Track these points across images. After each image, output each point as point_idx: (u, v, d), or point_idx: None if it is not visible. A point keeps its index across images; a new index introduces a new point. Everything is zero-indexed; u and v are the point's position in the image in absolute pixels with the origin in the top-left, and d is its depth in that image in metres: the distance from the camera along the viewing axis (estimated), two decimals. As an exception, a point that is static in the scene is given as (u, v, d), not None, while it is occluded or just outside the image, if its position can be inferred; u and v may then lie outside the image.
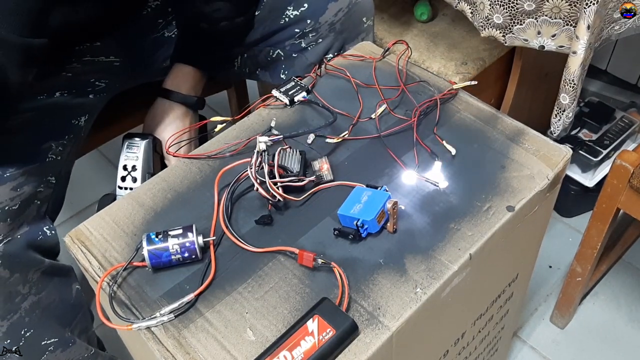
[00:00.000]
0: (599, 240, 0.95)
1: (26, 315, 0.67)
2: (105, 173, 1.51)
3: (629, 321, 1.15)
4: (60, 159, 0.77)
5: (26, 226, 0.69)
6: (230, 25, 0.80)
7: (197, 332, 0.53)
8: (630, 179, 0.84)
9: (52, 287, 0.70)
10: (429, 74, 0.76)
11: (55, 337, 0.70)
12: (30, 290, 0.67)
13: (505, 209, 0.61)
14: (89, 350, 0.76)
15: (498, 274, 0.71)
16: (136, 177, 0.75)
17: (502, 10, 0.90)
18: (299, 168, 0.62)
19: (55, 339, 0.70)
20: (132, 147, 0.76)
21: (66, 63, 0.82)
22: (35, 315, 0.68)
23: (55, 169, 0.76)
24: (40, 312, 0.68)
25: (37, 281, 0.68)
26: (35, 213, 0.72)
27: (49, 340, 0.70)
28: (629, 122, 1.28)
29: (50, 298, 0.70)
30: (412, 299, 0.54)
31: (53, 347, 0.70)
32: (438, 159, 0.65)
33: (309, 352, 0.49)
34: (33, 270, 0.68)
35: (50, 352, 0.70)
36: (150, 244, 0.56)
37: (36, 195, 0.72)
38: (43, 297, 0.69)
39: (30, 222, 0.70)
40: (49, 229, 0.73)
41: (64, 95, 0.79)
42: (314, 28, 0.82)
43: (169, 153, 0.74)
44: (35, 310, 0.68)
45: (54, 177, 0.76)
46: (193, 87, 0.82)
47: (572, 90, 0.89)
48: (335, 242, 0.59)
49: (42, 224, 0.73)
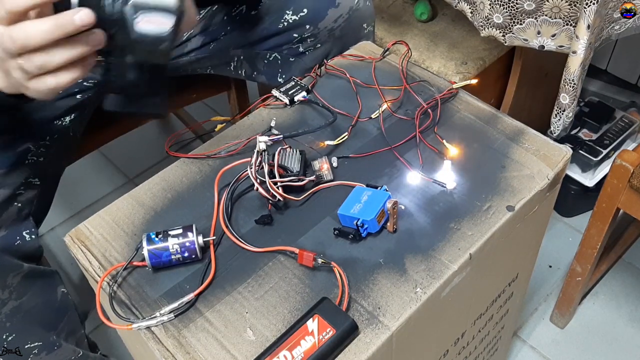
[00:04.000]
0: (599, 240, 0.95)
1: (7, 320, 0.66)
2: (105, 173, 1.52)
3: (629, 321, 1.15)
4: (44, 160, 0.75)
5: (3, 230, 0.68)
6: None
7: (197, 331, 0.53)
8: (630, 179, 0.84)
9: (34, 291, 0.69)
10: (429, 74, 0.76)
11: (39, 341, 0.69)
12: (11, 295, 0.66)
13: (505, 208, 0.61)
14: (76, 353, 0.75)
15: (498, 274, 0.71)
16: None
17: (502, 10, 0.90)
18: (299, 168, 0.62)
19: (39, 342, 0.69)
20: None
21: None
22: (17, 319, 0.67)
23: (39, 170, 0.74)
24: (22, 316, 0.67)
25: (17, 286, 0.67)
26: (15, 216, 0.70)
27: (32, 344, 0.69)
28: (629, 121, 1.28)
29: (32, 302, 0.69)
30: (412, 298, 0.54)
31: (37, 350, 0.69)
32: (446, 158, 0.65)
33: (309, 351, 0.49)
34: (11, 275, 0.67)
35: (34, 355, 0.69)
36: (150, 244, 0.56)
37: (15, 197, 0.70)
38: (24, 301, 0.68)
39: (8, 226, 0.69)
40: (29, 233, 0.71)
41: None
42: (312, 34, 0.82)
43: (169, 153, 0.74)
44: (16, 314, 0.67)
45: (37, 179, 0.74)
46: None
47: (572, 90, 0.89)
48: (335, 241, 0.59)
49: (21, 228, 0.70)
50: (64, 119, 0.78)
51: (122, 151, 1.52)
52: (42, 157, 0.75)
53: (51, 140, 0.76)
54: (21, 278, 0.68)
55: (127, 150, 0.77)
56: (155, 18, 0.49)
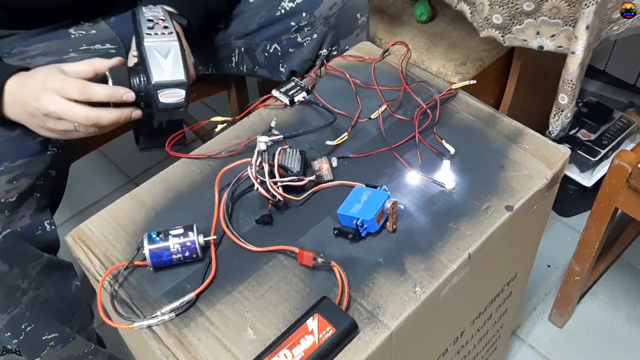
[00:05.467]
0: (597, 239, 0.95)
1: (27, 309, 0.67)
2: (106, 173, 1.52)
3: (627, 320, 1.16)
4: (62, 152, 0.77)
5: (27, 219, 0.69)
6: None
7: (197, 330, 0.53)
8: (629, 179, 0.84)
9: (51, 282, 0.70)
10: (428, 74, 0.76)
11: (56, 332, 0.70)
12: (30, 285, 0.67)
13: (504, 208, 0.61)
14: (88, 346, 0.76)
15: (497, 273, 0.71)
16: (167, 25, 0.68)
17: (502, 11, 0.90)
18: (299, 168, 0.62)
19: (55, 334, 0.70)
20: (152, 9, 0.71)
21: (64, 53, 0.82)
22: (35, 310, 0.68)
23: (56, 162, 0.76)
24: (40, 307, 0.68)
25: (36, 276, 0.68)
26: (36, 205, 0.72)
27: (49, 335, 0.70)
28: (627, 122, 1.28)
29: (49, 293, 0.70)
30: (412, 298, 0.54)
31: (54, 343, 0.70)
32: (446, 158, 0.65)
33: (309, 350, 0.50)
34: (32, 264, 0.68)
35: (50, 348, 0.70)
36: (151, 243, 0.56)
37: (35, 187, 0.72)
38: (42, 292, 0.69)
39: (30, 215, 0.70)
40: (49, 223, 0.73)
41: None
42: (309, 22, 0.83)
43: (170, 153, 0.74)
44: (34, 305, 0.68)
45: (54, 170, 0.76)
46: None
47: (570, 90, 0.89)
48: (335, 241, 0.59)
49: (42, 217, 0.72)
50: None
51: (123, 151, 1.52)
52: (60, 149, 0.76)
53: None
54: (40, 268, 0.69)
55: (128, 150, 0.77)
56: (172, 92, 0.65)
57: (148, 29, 0.67)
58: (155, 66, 0.65)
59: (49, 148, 0.75)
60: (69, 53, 0.83)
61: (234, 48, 0.91)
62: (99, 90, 0.64)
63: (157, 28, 0.67)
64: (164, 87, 0.65)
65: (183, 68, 0.65)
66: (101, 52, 0.85)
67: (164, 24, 0.68)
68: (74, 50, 0.83)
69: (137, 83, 0.65)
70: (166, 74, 0.65)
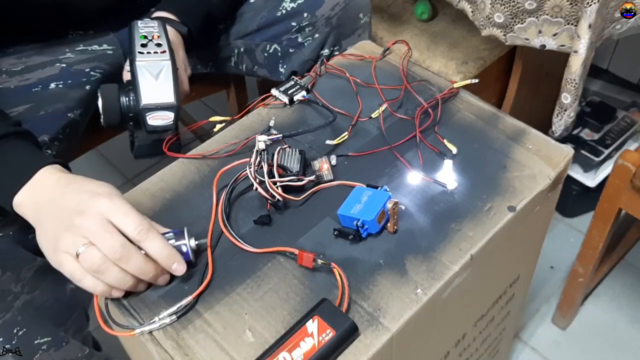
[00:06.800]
0: (600, 240, 0.95)
1: (19, 314, 0.66)
2: (103, 173, 1.51)
3: (630, 322, 1.15)
4: (56, 155, 0.76)
5: (18, 223, 0.68)
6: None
7: (195, 333, 0.53)
8: (633, 179, 0.83)
9: (45, 286, 0.70)
10: (429, 73, 0.76)
11: (49, 336, 0.70)
12: (23, 289, 0.67)
13: (506, 209, 0.60)
14: (83, 350, 0.75)
15: (499, 275, 0.70)
16: (161, 43, 0.68)
17: (503, 9, 0.89)
18: (299, 168, 0.62)
19: (48, 337, 0.70)
20: (147, 23, 0.71)
21: (60, 53, 0.81)
22: (28, 314, 0.67)
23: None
24: (34, 311, 0.68)
25: (29, 280, 0.67)
26: None
27: (42, 339, 0.69)
28: (630, 121, 1.27)
29: (43, 297, 0.69)
30: (413, 299, 0.54)
31: (46, 346, 0.69)
32: (447, 158, 0.65)
33: (309, 353, 0.49)
34: (26, 268, 0.67)
35: (43, 351, 0.69)
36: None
37: None
38: (36, 295, 0.68)
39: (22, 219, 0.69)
40: None
41: (59, 86, 0.79)
42: (310, 22, 0.83)
43: (167, 153, 0.74)
44: (28, 309, 0.67)
45: None
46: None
47: (573, 89, 0.88)
48: (335, 242, 0.58)
49: None
50: (75, 112, 0.80)
51: (120, 151, 1.51)
52: (54, 152, 0.76)
53: (64, 134, 0.78)
54: (34, 272, 0.68)
55: (126, 151, 0.76)
56: (161, 114, 0.65)
57: (141, 47, 0.67)
58: (145, 87, 0.64)
59: (42, 150, 0.74)
60: (65, 53, 0.82)
61: (233, 48, 0.91)
62: (156, 239, 0.54)
63: (150, 46, 0.67)
64: (152, 110, 0.65)
65: (173, 90, 0.65)
66: (98, 53, 0.85)
67: (158, 40, 0.68)
68: (70, 50, 0.83)
69: (126, 103, 0.66)
70: (155, 96, 0.65)
